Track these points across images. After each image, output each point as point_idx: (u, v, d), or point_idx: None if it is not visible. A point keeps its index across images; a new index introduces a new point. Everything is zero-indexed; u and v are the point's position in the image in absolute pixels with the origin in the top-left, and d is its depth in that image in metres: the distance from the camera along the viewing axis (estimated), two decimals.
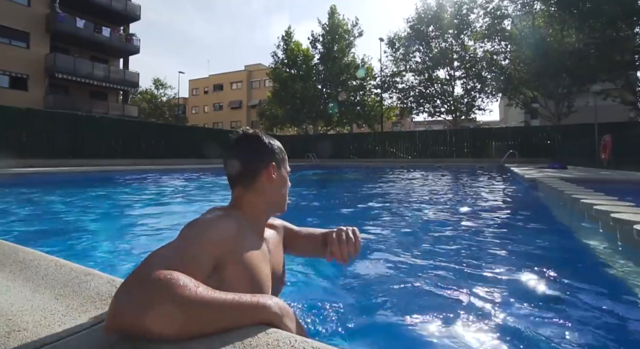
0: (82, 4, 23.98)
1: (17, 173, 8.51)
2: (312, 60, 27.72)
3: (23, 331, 0.79)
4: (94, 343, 0.75)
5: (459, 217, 4.14)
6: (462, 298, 1.70)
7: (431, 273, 2.04)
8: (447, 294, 1.73)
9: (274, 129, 30.65)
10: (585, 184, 4.80)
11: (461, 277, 2.00)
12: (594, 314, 1.57)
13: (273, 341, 0.72)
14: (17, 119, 11.93)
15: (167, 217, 4.20)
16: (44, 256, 1.32)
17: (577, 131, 16.83)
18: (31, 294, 0.98)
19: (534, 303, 1.70)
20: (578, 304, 1.66)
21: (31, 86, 21.99)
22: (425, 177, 10.72)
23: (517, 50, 22.21)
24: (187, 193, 7.11)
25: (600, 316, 1.56)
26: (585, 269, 2.21)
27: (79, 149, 13.54)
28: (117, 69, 26.91)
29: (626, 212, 2.53)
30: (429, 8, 25.38)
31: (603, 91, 16.78)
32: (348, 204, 5.58)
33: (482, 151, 19.78)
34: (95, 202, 5.62)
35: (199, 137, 19.01)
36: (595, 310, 1.61)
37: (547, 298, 1.76)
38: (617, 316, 1.58)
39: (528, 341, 1.35)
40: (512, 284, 1.97)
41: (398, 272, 2.09)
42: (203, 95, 51.59)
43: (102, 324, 0.83)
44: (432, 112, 26.74)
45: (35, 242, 2.86)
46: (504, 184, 8.39)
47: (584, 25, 16.74)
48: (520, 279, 2.04)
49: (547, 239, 2.96)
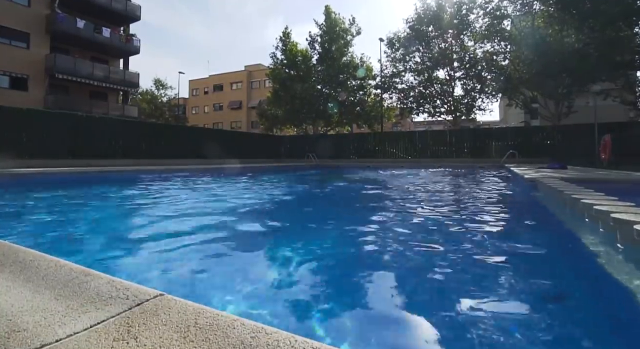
0: (82, 5, 24.00)
1: (17, 173, 8.51)
2: (311, 61, 27.72)
3: (23, 331, 0.79)
4: (93, 343, 0.75)
5: (458, 217, 4.14)
6: (461, 297, 1.70)
7: (430, 273, 2.04)
8: (446, 294, 1.72)
9: (274, 129, 30.64)
10: (585, 184, 4.79)
11: (460, 277, 2.00)
12: (593, 315, 1.57)
13: (273, 341, 0.72)
14: (17, 120, 11.94)
15: (167, 217, 4.20)
16: (44, 256, 1.32)
17: (577, 131, 16.84)
18: (31, 295, 0.98)
19: (533, 303, 1.70)
20: (578, 304, 1.66)
21: (31, 87, 22.00)
22: (418, 176, 10.72)
23: (517, 51, 22.20)
24: (187, 193, 7.11)
25: (600, 316, 1.56)
26: (585, 270, 2.21)
27: (79, 149, 13.54)
28: (117, 70, 26.92)
29: (626, 213, 2.53)
30: (428, 8, 25.36)
31: (603, 90, 16.78)
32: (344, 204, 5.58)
33: (482, 151, 19.78)
34: (95, 202, 5.62)
35: (199, 137, 19.02)
36: (595, 311, 1.61)
37: (546, 298, 1.76)
38: (617, 317, 1.58)
39: (528, 341, 1.35)
40: (512, 284, 1.97)
41: (397, 272, 2.09)
42: (203, 95, 51.62)
43: (101, 324, 0.83)
44: (432, 113, 26.73)
45: (35, 242, 2.86)
46: (503, 184, 8.39)
47: (584, 26, 16.74)
48: (520, 279, 2.04)
49: (547, 240, 2.96)
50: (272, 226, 3.74)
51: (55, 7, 22.46)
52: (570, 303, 1.70)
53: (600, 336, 1.38)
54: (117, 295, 0.98)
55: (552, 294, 1.85)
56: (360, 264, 2.21)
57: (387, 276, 2.04)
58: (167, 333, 0.79)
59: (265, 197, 6.30)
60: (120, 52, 27.07)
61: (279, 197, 6.57)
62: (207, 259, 2.40)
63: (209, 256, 2.52)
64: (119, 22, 26.84)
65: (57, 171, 9.67)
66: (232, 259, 2.45)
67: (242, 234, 3.27)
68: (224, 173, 12.30)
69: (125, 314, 0.87)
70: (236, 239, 3.06)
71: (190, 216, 4.29)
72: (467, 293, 1.75)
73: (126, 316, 0.86)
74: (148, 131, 17.28)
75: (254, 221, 4.04)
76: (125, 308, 0.91)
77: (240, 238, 3.09)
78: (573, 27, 17.89)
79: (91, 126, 14.27)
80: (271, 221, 4.08)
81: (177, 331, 0.79)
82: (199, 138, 18.79)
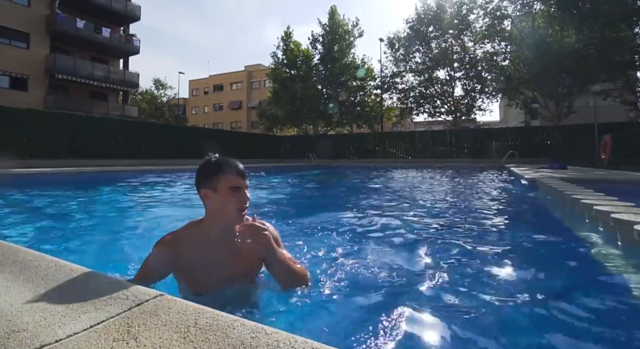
0: (82, 5, 24.00)
1: (17, 174, 8.51)
2: (312, 61, 27.71)
3: (23, 332, 0.79)
4: (93, 343, 0.75)
5: (458, 217, 4.14)
6: (460, 297, 1.70)
7: (429, 274, 2.04)
8: (444, 294, 1.72)
9: (274, 129, 30.63)
10: (585, 184, 4.79)
11: (459, 277, 2.00)
12: (593, 315, 1.57)
13: (273, 342, 0.72)
14: (17, 120, 11.94)
15: (167, 218, 4.20)
16: (44, 257, 1.32)
17: (577, 131, 16.84)
18: (31, 295, 0.98)
19: (533, 303, 1.70)
20: (577, 304, 1.66)
21: (31, 87, 22.01)
22: (418, 176, 10.72)
23: (517, 51, 22.23)
24: (187, 193, 7.11)
25: (600, 316, 1.56)
26: (585, 270, 2.21)
27: (79, 149, 13.54)
28: (117, 70, 26.93)
29: (626, 213, 2.53)
30: (428, 8, 25.36)
31: (603, 91, 16.79)
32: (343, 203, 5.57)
33: (482, 151, 19.79)
34: (95, 202, 5.62)
35: (199, 137, 19.01)
36: (594, 311, 1.61)
37: (546, 298, 1.76)
38: (617, 317, 1.58)
39: (527, 341, 1.35)
40: (511, 284, 1.97)
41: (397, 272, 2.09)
42: (203, 95, 51.63)
43: (101, 324, 0.83)
44: (432, 113, 26.75)
45: (35, 242, 2.86)
46: (503, 185, 8.39)
47: (584, 26, 16.75)
48: (519, 279, 2.04)
49: (547, 240, 2.96)
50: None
51: (55, 7, 22.47)
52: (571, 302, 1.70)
53: (600, 337, 1.38)
54: (117, 295, 0.98)
55: (553, 294, 1.85)
56: (357, 264, 2.20)
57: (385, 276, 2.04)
58: (167, 333, 0.79)
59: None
60: (120, 52, 27.08)
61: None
62: None
63: None
64: (118, 22, 26.84)
65: (57, 171, 9.67)
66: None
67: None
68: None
69: (125, 315, 0.87)
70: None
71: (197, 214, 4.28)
72: (462, 292, 1.75)
73: (126, 317, 0.86)
74: (148, 131, 17.29)
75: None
76: (125, 308, 0.91)
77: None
78: (573, 27, 17.91)
79: (91, 126, 14.28)
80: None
81: (177, 332, 0.79)
82: (199, 138, 18.78)
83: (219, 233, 1.47)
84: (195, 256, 1.42)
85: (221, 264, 1.44)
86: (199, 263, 1.42)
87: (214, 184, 1.42)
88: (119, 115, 25.26)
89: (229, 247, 1.47)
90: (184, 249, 1.42)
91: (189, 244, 1.43)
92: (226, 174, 1.43)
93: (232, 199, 1.41)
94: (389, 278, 1.98)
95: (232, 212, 1.42)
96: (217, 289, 1.43)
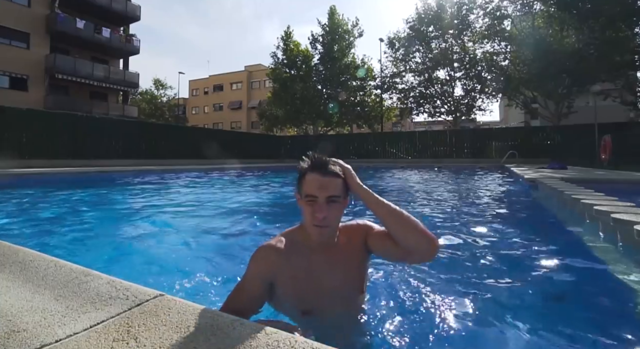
0: (82, 5, 24.00)
1: (16, 174, 8.51)
2: (312, 61, 27.70)
3: (23, 332, 0.79)
4: (93, 343, 0.75)
5: (458, 217, 4.14)
6: (460, 297, 1.69)
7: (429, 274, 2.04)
8: (444, 295, 1.72)
9: (274, 129, 30.61)
10: (586, 184, 4.79)
11: (459, 277, 2.00)
12: (594, 315, 1.57)
13: (273, 342, 0.72)
14: (17, 120, 11.93)
15: (167, 218, 4.20)
16: (43, 257, 1.32)
17: (577, 131, 16.81)
18: (31, 295, 0.98)
19: (534, 303, 1.70)
20: (578, 304, 1.66)
21: (31, 87, 22.00)
22: (418, 177, 10.72)
23: (517, 51, 22.20)
24: (187, 193, 7.11)
25: (601, 316, 1.56)
26: (585, 270, 2.21)
27: (79, 149, 13.53)
28: (117, 70, 26.92)
29: (626, 213, 2.53)
30: (429, 8, 25.35)
31: (603, 91, 16.78)
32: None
33: (482, 151, 19.77)
34: (95, 202, 5.61)
35: (199, 137, 19.00)
36: (595, 310, 1.61)
37: (546, 299, 1.76)
38: (618, 317, 1.58)
39: (528, 341, 1.35)
40: (511, 284, 1.97)
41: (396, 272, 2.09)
42: (203, 95, 51.60)
43: (101, 324, 0.83)
44: (432, 113, 26.73)
45: (35, 242, 2.86)
46: (503, 185, 8.39)
47: (584, 26, 16.74)
48: (520, 279, 2.04)
49: (547, 240, 2.96)
50: None
51: (55, 7, 22.46)
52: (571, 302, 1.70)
53: (601, 336, 1.38)
54: (117, 295, 0.98)
55: (553, 294, 1.85)
56: None
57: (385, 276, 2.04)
58: (167, 333, 0.79)
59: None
60: (120, 52, 27.07)
61: None
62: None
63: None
64: (118, 22, 26.84)
65: (57, 171, 9.67)
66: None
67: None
68: (221, 174, 12.30)
69: (125, 315, 0.87)
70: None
71: (196, 214, 4.28)
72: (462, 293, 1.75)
73: (126, 317, 0.86)
74: (148, 131, 17.27)
75: None
76: (125, 308, 0.91)
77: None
78: (573, 27, 17.90)
79: (91, 126, 14.27)
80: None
81: (177, 332, 0.79)
82: (199, 138, 18.76)
83: (309, 242, 1.27)
84: (294, 264, 1.23)
85: (322, 273, 1.25)
86: (300, 270, 1.24)
87: (300, 187, 1.25)
88: (119, 115, 25.25)
89: (328, 256, 1.27)
90: (285, 256, 1.23)
91: (287, 253, 1.24)
92: (306, 178, 1.22)
93: (307, 209, 1.21)
94: (389, 277, 1.98)
95: (309, 225, 1.23)
96: (325, 306, 1.25)
